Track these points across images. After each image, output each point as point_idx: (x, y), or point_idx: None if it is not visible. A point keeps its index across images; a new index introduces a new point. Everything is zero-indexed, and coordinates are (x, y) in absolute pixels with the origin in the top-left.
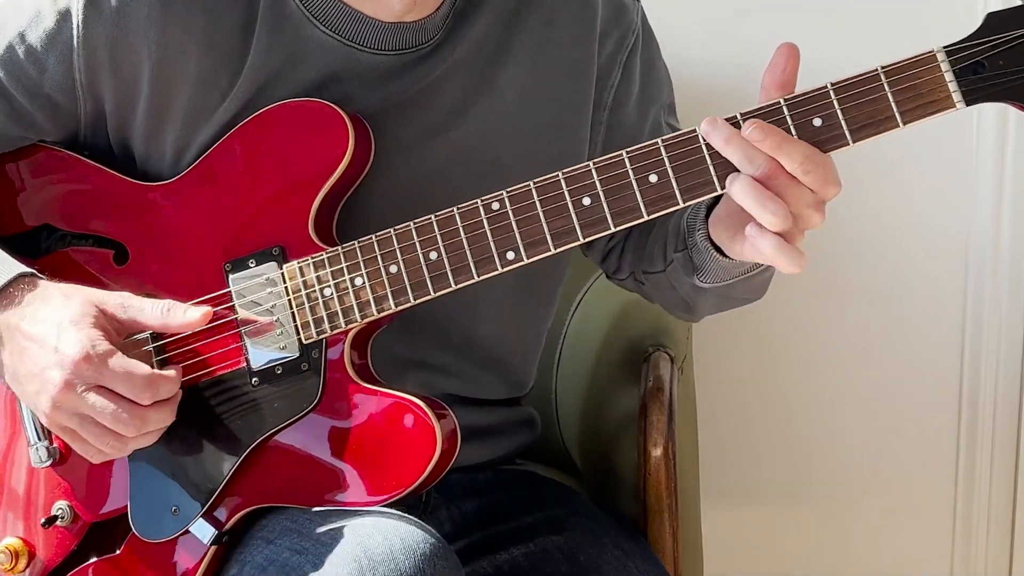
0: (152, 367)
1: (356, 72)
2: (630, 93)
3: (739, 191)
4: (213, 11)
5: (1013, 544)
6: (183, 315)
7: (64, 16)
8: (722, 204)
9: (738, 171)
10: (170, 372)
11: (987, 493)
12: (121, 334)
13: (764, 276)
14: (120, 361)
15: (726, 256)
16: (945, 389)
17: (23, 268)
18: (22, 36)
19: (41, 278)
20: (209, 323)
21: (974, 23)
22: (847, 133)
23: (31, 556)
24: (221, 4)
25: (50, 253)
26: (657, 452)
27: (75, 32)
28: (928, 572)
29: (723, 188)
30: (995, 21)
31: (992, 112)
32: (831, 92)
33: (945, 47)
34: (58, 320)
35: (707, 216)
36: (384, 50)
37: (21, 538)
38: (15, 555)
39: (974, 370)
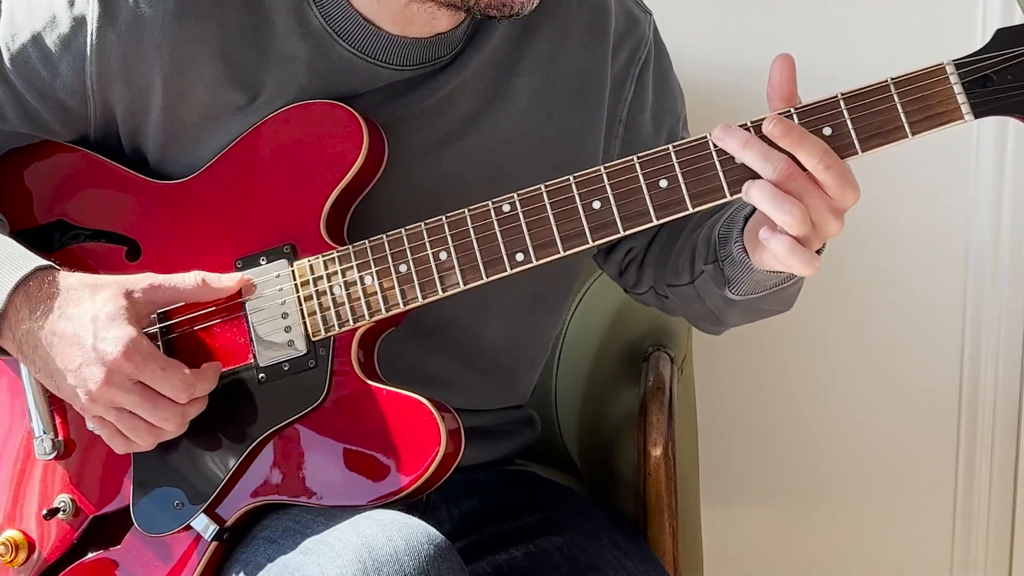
0: None
1: (376, 86)
2: (644, 106)
3: (756, 194)
4: (227, 24)
5: (1013, 544)
6: (219, 282)
7: (79, 23)
8: (755, 216)
9: (752, 178)
10: (208, 370)
11: (987, 493)
12: (151, 315)
13: (793, 289)
14: (160, 360)
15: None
16: (945, 389)
17: (41, 261)
18: (36, 39)
19: (60, 270)
20: (219, 319)
21: (973, 36)
22: (856, 142)
23: (31, 549)
24: (236, 17)
25: (63, 249)
26: (657, 452)
27: (89, 40)
28: (928, 572)
29: (732, 194)
30: (1004, 37)
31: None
32: (841, 102)
33: (955, 60)
34: (93, 316)
35: (743, 228)
36: (406, 66)
37: (21, 530)
38: (15, 547)
39: (974, 370)
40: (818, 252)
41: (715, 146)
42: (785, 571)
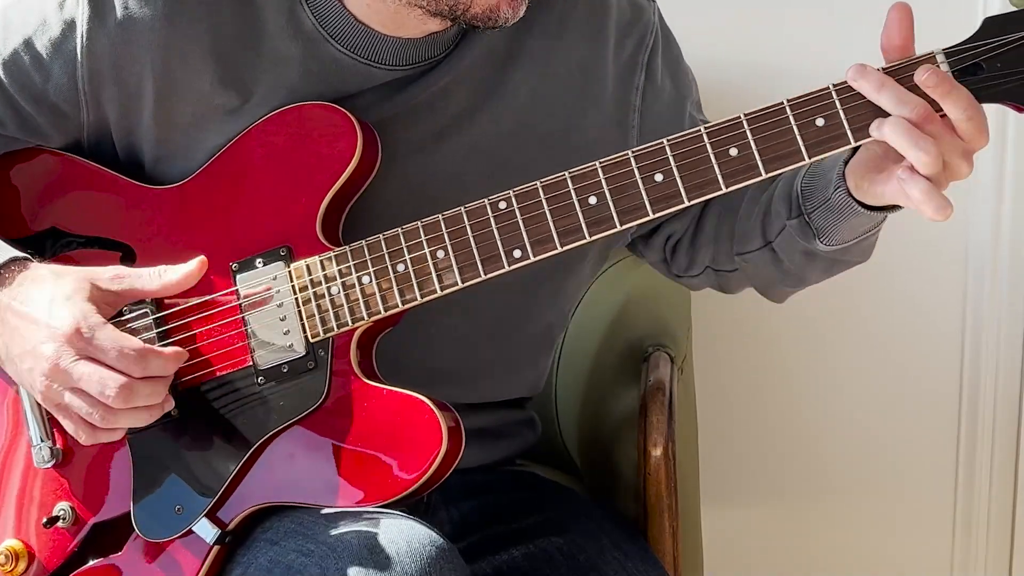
0: None
1: (369, 86)
2: (658, 93)
3: (891, 132)
4: (218, 25)
5: (1013, 544)
6: (179, 271)
7: (69, 26)
8: (858, 155)
9: (757, 162)
10: (167, 349)
11: (987, 493)
12: (116, 306)
13: (874, 238)
14: (110, 332)
15: (866, 209)
16: (945, 389)
17: (16, 253)
18: (28, 43)
19: (32, 260)
20: (216, 322)
21: (972, 26)
22: (849, 132)
23: (31, 558)
24: (227, 18)
25: (56, 256)
26: (657, 452)
27: (79, 43)
28: (928, 572)
29: (728, 186)
30: (993, 24)
31: (992, 111)
32: (833, 92)
33: (945, 49)
34: (50, 297)
35: (843, 172)
36: (399, 66)
37: (21, 539)
38: (15, 557)
39: (974, 370)
40: None
41: (709, 139)
42: (785, 571)
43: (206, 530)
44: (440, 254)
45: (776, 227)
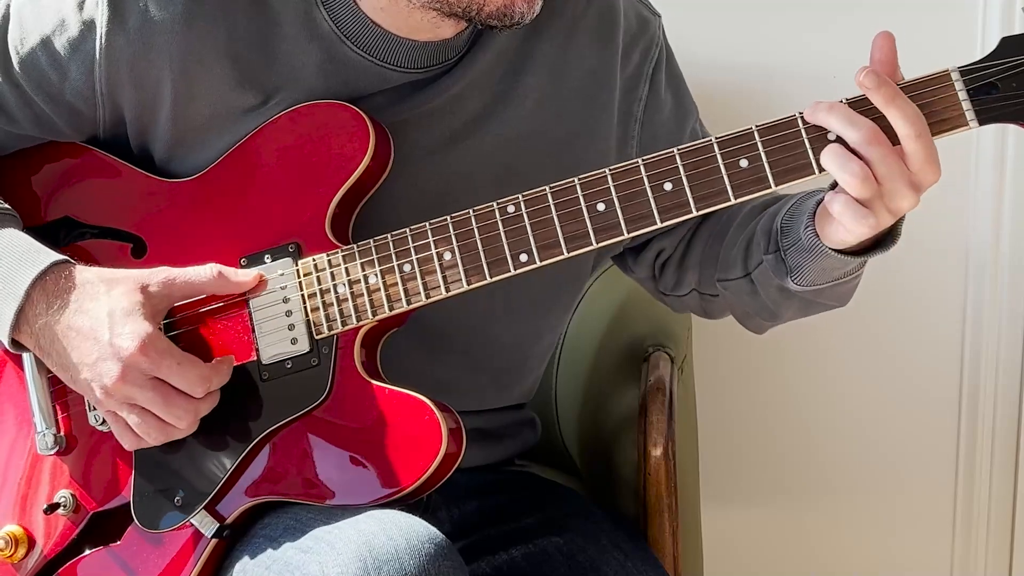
0: None
1: (384, 88)
2: (660, 106)
3: (825, 155)
4: (235, 27)
5: (1013, 544)
6: (235, 276)
7: (88, 26)
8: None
9: (757, 179)
10: (223, 364)
11: (987, 493)
12: (168, 308)
13: (852, 284)
14: (176, 355)
15: (833, 251)
16: (945, 389)
17: (58, 256)
18: (45, 42)
19: (76, 265)
20: (222, 316)
21: (973, 40)
22: None
23: (31, 544)
24: (244, 20)
25: (68, 245)
26: (657, 452)
27: (98, 44)
28: (928, 572)
29: (736, 198)
30: (1009, 44)
31: None
32: (848, 106)
33: (960, 67)
34: (109, 311)
35: (814, 212)
36: (414, 68)
37: (22, 525)
38: (15, 542)
39: (974, 370)
40: (894, 235)
41: (720, 149)
42: (785, 571)
43: (205, 523)
44: (447, 255)
45: (755, 259)
